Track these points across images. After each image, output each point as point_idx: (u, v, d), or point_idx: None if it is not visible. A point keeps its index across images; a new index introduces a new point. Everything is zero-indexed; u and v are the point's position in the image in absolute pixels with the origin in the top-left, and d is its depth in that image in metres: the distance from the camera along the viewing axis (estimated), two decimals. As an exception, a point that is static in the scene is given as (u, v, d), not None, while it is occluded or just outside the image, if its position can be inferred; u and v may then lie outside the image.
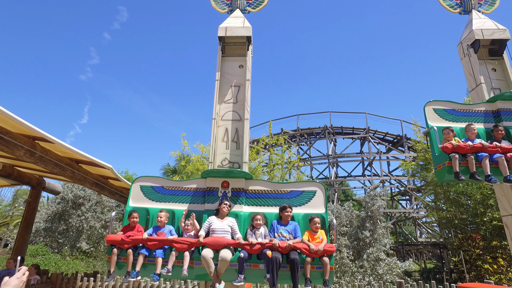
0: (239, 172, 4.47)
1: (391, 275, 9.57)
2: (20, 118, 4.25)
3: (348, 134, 29.17)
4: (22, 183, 8.76)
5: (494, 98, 4.96)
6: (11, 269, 6.24)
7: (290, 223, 4.16)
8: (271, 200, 4.43)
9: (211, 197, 4.43)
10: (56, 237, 16.20)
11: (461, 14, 6.26)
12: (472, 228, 13.32)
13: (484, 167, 4.22)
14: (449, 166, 4.29)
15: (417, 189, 24.43)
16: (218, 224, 4.06)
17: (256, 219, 4.10)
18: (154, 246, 3.94)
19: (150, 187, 4.61)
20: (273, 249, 3.79)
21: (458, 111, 4.95)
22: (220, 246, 3.83)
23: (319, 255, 3.82)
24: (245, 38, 5.55)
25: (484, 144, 4.32)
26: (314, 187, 4.45)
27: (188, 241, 3.92)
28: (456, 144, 4.33)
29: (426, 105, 4.97)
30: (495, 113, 4.94)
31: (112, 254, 3.95)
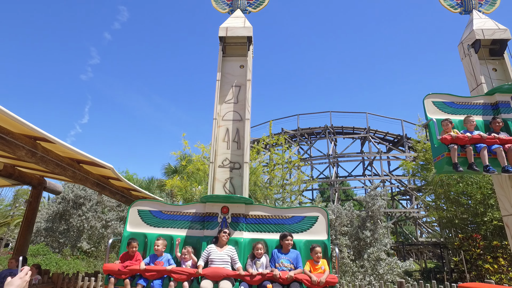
0: (239, 197, 4.39)
1: (391, 274, 9.58)
2: (21, 119, 4.26)
3: (348, 133, 29.17)
4: (23, 183, 8.78)
5: (493, 91, 5.02)
6: (13, 269, 6.26)
7: (291, 251, 4.06)
8: (272, 226, 4.35)
9: (211, 223, 4.35)
10: (57, 237, 16.22)
11: (461, 14, 6.26)
12: (472, 228, 13.31)
13: (482, 157, 4.26)
14: (448, 157, 4.33)
15: (417, 189, 24.43)
16: (217, 254, 3.97)
17: (257, 248, 4.02)
18: (152, 276, 3.88)
19: (148, 211, 4.53)
20: (274, 280, 3.71)
21: (457, 104, 5.02)
22: (219, 278, 3.77)
23: (321, 287, 3.72)
24: (245, 38, 5.56)
25: (482, 136, 4.37)
26: (316, 213, 4.39)
27: (187, 272, 3.84)
28: (455, 135, 4.37)
29: (426, 98, 5.04)
30: (493, 106, 4.99)
31: (109, 283, 3.87)
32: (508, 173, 4.19)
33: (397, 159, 27.00)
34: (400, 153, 27.53)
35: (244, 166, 4.81)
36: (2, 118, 4.21)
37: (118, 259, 4.14)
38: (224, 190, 4.77)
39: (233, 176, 4.82)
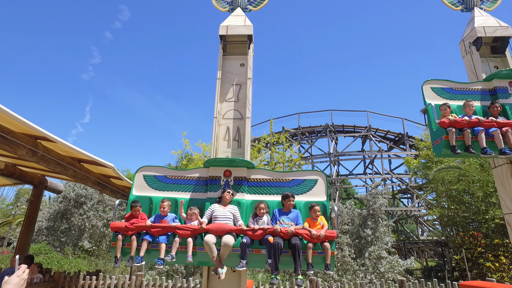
0: (241, 161, 4.52)
1: (392, 273, 9.58)
2: (22, 118, 4.27)
3: (349, 132, 29.15)
4: (25, 182, 8.80)
5: (491, 77, 5.05)
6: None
7: (292, 211, 4.20)
8: (273, 189, 4.46)
9: (214, 186, 4.47)
10: (59, 236, 16.27)
11: (463, 11, 6.24)
12: (474, 226, 13.31)
13: (480, 140, 4.33)
14: (446, 140, 4.40)
15: (418, 187, 24.41)
16: (220, 211, 4.11)
17: (260, 208, 4.11)
18: (158, 232, 4.00)
19: (153, 176, 4.65)
20: (275, 234, 3.84)
21: (455, 90, 5.07)
22: (222, 232, 3.88)
23: (320, 241, 3.86)
24: (246, 36, 5.54)
25: (480, 119, 4.43)
26: (316, 176, 4.49)
27: (191, 228, 3.97)
28: (453, 119, 4.45)
29: (424, 83, 5.08)
30: (491, 91, 5.03)
31: (117, 240, 4.00)
32: (504, 155, 4.25)
33: (398, 157, 26.97)
34: (401, 151, 27.49)
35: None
36: (2, 117, 4.22)
37: (124, 219, 4.27)
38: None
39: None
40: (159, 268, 4.01)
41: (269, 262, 3.72)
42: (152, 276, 10.34)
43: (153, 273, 10.52)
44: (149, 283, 7.33)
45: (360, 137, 28.99)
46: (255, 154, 17.53)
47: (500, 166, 5.05)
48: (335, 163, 27.43)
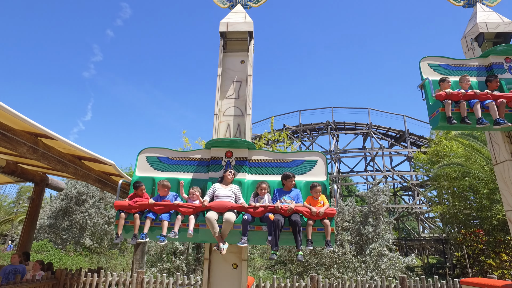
0: (243, 141, 4.56)
1: (393, 270, 9.58)
2: (22, 115, 4.27)
3: (350, 129, 29.09)
4: (26, 180, 8.82)
5: (487, 53, 5.09)
6: (16, 265, 6.31)
7: (293, 190, 4.24)
8: (273, 169, 4.53)
9: (215, 166, 4.53)
10: (60, 233, 16.34)
11: (465, 7, 6.18)
12: (475, 223, 13.29)
13: (475, 111, 4.41)
14: (443, 112, 4.44)
15: (419, 185, 24.38)
16: (222, 190, 4.16)
17: (262, 188, 4.15)
18: (160, 210, 4.08)
19: (156, 157, 4.72)
20: (275, 212, 3.89)
21: (452, 66, 5.12)
22: (224, 209, 3.95)
23: (320, 218, 3.93)
24: (246, 33, 5.51)
25: (476, 92, 4.51)
26: (316, 157, 4.57)
27: (193, 206, 4.05)
28: (449, 91, 4.51)
29: (421, 60, 5.11)
30: (487, 67, 5.08)
31: (119, 218, 4.06)
32: (499, 125, 4.31)
33: (399, 154, 26.92)
34: (402, 148, 27.43)
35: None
36: (3, 114, 4.22)
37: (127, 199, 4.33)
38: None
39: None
40: (161, 244, 4.10)
41: (269, 239, 3.78)
42: (153, 273, 10.38)
43: (154, 270, 10.57)
44: (150, 280, 7.36)
45: (361, 134, 28.94)
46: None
47: (502, 162, 5.02)
48: (336, 160, 27.40)
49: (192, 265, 11.04)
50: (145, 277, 7.43)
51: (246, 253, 4.39)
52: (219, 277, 4.35)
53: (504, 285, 4.72)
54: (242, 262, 4.33)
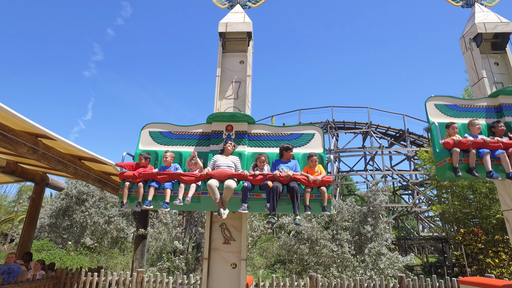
0: (243, 115, 4.71)
1: (392, 269, 9.61)
2: (22, 116, 4.29)
3: (350, 128, 29.08)
4: (26, 180, 8.85)
5: (496, 93, 4.89)
6: (11, 265, 6.30)
7: (291, 161, 4.40)
8: (272, 142, 4.70)
9: (216, 139, 4.68)
10: (61, 233, 16.37)
11: (463, 7, 6.19)
12: (474, 222, 13.32)
13: (485, 163, 4.16)
14: (450, 163, 4.25)
15: (419, 184, 24.41)
16: (222, 161, 4.31)
17: (261, 160, 4.30)
18: (163, 179, 4.23)
19: (159, 132, 4.88)
20: (274, 180, 4.01)
21: (459, 107, 4.90)
22: (224, 177, 4.08)
23: (317, 185, 4.07)
24: (245, 33, 5.53)
25: (485, 140, 4.24)
26: (313, 130, 4.73)
27: (195, 175, 4.19)
28: (457, 139, 4.26)
29: (428, 100, 4.94)
30: (497, 108, 4.87)
31: (124, 187, 4.21)
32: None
33: (399, 153, 26.92)
34: (402, 147, 27.44)
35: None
36: (2, 115, 4.24)
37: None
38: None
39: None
40: (165, 211, 4.22)
41: (268, 206, 3.91)
42: (153, 272, 10.41)
43: (154, 270, 10.61)
44: (150, 279, 7.39)
45: (361, 134, 28.94)
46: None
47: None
48: (335, 159, 27.42)
49: (192, 264, 11.07)
50: (145, 276, 7.47)
51: (245, 253, 4.42)
52: (219, 277, 4.38)
53: (504, 285, 4.73)
54: (241, 262, 4.37)
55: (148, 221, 10.43)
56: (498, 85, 5.31)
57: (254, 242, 11.91)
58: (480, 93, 5.35)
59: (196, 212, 13.36)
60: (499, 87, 5.22)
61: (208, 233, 4.50)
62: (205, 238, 4.55)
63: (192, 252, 12.09)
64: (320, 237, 10.58)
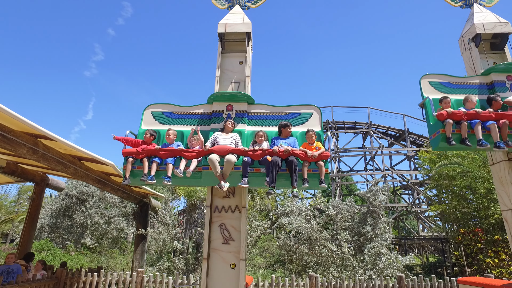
0: (243, 95, 4.84)
1: (392, 269, 9.62)
2: (22, 117, 4.30)
3: (350, 128, 29.08)
4: (26, 180, 8.86)
5: (488, 71, 5.04)
6: (11, 265, 6.31)
7: (289, 137, 4.53)
8: (271, 121, 4.84)
9: (217, 118, 4.80)
10: (61, 233, 16.39)
11: (462, 7, 6.20)
12: (474, 222, 13.32)
13: (476, 132, 4.34)
14: (443, 133, 4.42)
15: (419, 184, 24.41)
16: (223, 137, 4.43)
17: (259, 136, 4.45)
18: (166, 155, 4.37)
19: (161, 112, 5.00)
20: (273, 155, 4.14)
21: (453, 84, 5.07)
22: (225, 152, 4.19)
23: (315, 160, 4.19)
24: (244, 34, 5.54)
25: (477, 111, 4.40)
26: (311, 110, 4.87)
27: (197, 150, 4.33)
28: (450, 110, 4.43)
29: (422, 78, 5.09)
30: (489, 85, 5.02)
31: (127, 163, 4.35)
32: (499, 149, 4.26)
33: (399, 153, 26.92)
34: (402, 147, 27.44)
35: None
36: (2, 116, 4.25)
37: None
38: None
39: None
40: (167, 184, 4.31)
41: (267, 180, 4.02)
42: (153, 272, 10.43)
43: (154, 270, 10.62)
44: (150, 280, 7.40)
45: (361, 134, 28.93)
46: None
47: (498, 163, 5.05)
48: (335, 159, 27.43)
49: (192, 264, 11.09)
50: (145, 276, 7.48)
51: (244, 253, 4.43)
52: (218, 277, 4.39)
53: (503, 285, 4.74)
54: (240, 262, 4.38)
55: (148, 221, 10.44)
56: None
57: (254, 242, 11.93)
58: (478, 93, 5.35)
59: (196, 212, 13.37)
60: None
61: (207, 233, 4.50)
62: (204, 238, 4.56)
63: (192, 252, 12.11)
64: (319, 237, 10.59)
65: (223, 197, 4.69)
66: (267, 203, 16.63)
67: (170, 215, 12.10)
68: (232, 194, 4.70)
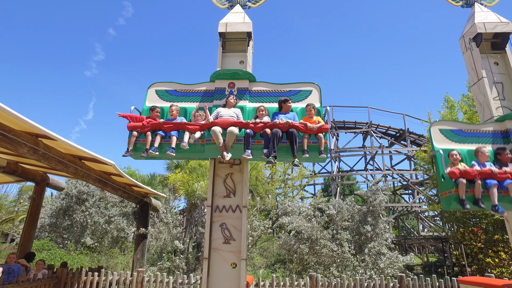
0: (244, 73, 4.95)
1: (392, 269, 9.62)
2: (22, 116, 4.30)
3: (350, 128, 29.09)
4: (27, 180, 8.87)
5: (503, 118, 4.77)
6: (12, 265, 6.32)
7: (289, 112, 4.65)
8: (272, 98, 4.96)
9: (219, 95, 4.94)
10: (61, 232, 16.39)
11: (463, 7, 6.19)
12: (474, 221, 13.32)
13: (492, 196, 4.02)
14: (456, 194, 4.12)
15: (419, 183, 24.41)
16: (225, 112, 4.56)
17: (260, 110, 4.59)
18: (170, 129, 4.49)
19: (164, 90, 5.12)
20: (274, 127, 4.25)
21: (465, 132, 4.78)
22: (227, 125, 4.32)
23: (314, 132, 4.34)
24: (245, 33, 5.53)
25: (493, 170, 4.09)
26: (310, 87, 5.00)
27: (200, 124, 4.46)
28: (463, 169, 4.12)
29: (432, 125, 4.84)
30: (504, 133, 4.72)
31: (131, 136, 4.44)
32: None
33: (399, 153, 26.93)
34: (402, 147, 27.45)
35: (244, 162, 4.83)
36: (3, 115, 4.25)
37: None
38: (224, 186, 4.80)
39: (234, 172, 4.83)
40: (171, 155, 4.40)
41: (265, 152, 4.15)
42: (154, 272, 10.43)
43: (154, 269, 10.63)
44: (150, 279, 7.40)
45: (361, 133, 28.95)
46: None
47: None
48: (336, 159, 27.43)
49: (192, 264, 11.10)
50: (145, 276, 7.48)
51: (245, 252, 4.43)
52: (218, 276, 4.39)
53: (504, 284, 4.73)
54: (241, 261, 4.37)
55: (148, 220, 10.45)
56: (498, 85, 5.31)
57: (254, 241, 11.94)
58: (480, 93, 5.35)
59: (196, 212, 13.37)
60: (499, 87, 5.22)
61: (208, 233, 4.50)
62: (205, 238, 4.56)
63: (193, 251, 12.11)
64: (320, 236, 10.59)
65: (223, 197, 4.69)
66: (268, 203, 16.63)
67: (171, 214, 12.10)
68: (233, 194, 4.70)
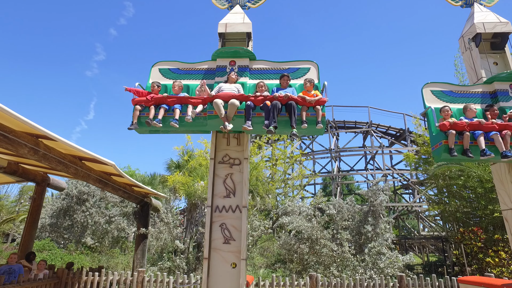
0: (245, 51, 5.11)
1: (392, 268, 9.63)
2: (23, 117, 4.31)
3: (350, 128, 29.07)
4: (27, 180, 8.89)
5: (491, 79, 5.03)
6: (13, 265, 6.34)
7: (288, 88, 4.83)
8: (271, 75, 5.16)
9: (220, 73, 5.11)
10: (62, 233, 16.42)
11: (463, 7, 6.20)
12: (474, 221, 13.31)
13: (479, 143, 4.33)
14: (446, 145, 4.43)
15: (419, 183, 24.40)
16: (227, 87, 4.75)
17: (260, 86, 4.77)
18: (173, 102, 4.65)
19: (167, 69, 5.29)
20: (273, 100, 4.43)
21: (455, 93, 5.09)
22: (229, 98, 4.48)
23: (313, 105, 4.49)
24: (245, 34, 5.55)
25: (481, 122, 4.40)
26: (308, 65, 5.16)
27: (202, 97, 4.64)
28: (452, 121, 4.43)
29: (424, 86, 5.13)
30: (492, 94, 5.02)
31: (135, 110, 4.60)
32: (507, 158, 4.21)
33: (399, 153, 26.91)
34: (403, 147, 27.43)
35: (244, 162, 4.84)
36: (3, 116, 4.26)
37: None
38: (224, 186, 4.81)
39: (233, 172, 4.84)
40: (174, 126, 4.55)
41: (266, 123, 4.32)
42: (154, 272, 10.45)
43: (155, 269, 10.64)
44: (150, 279, 7.42)
45: (361, 133, 28.94)
46: (256, 150, 17.56)
47: (498, 162, 5.06)
48: (336, 159, 27.42)
49: (193, 264, 11.11)
50: (146, 276, 7.50)
51: (245, 253, 4.44)
52: (219, 276, 4.40)
53: (503, 284, 4.75)
54: (241, 261, 4.38)
55: (148, 220, 10.47)
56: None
57: (255, 241, 11.95)
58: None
59: (197, 212, 13.39)
60: None
61: (208, 233, 4.51)
62: (205, 238, 4.57)
63: (193, 251, 12.13)
64: (320, 236, 10.60)
65: (223, 197, 4.71)
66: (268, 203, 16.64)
67: (171, 214, 12.12)
68: (233, 194, 4.71)
